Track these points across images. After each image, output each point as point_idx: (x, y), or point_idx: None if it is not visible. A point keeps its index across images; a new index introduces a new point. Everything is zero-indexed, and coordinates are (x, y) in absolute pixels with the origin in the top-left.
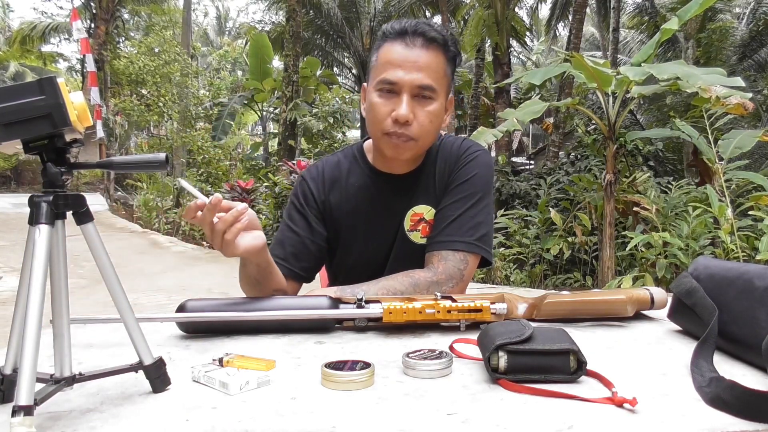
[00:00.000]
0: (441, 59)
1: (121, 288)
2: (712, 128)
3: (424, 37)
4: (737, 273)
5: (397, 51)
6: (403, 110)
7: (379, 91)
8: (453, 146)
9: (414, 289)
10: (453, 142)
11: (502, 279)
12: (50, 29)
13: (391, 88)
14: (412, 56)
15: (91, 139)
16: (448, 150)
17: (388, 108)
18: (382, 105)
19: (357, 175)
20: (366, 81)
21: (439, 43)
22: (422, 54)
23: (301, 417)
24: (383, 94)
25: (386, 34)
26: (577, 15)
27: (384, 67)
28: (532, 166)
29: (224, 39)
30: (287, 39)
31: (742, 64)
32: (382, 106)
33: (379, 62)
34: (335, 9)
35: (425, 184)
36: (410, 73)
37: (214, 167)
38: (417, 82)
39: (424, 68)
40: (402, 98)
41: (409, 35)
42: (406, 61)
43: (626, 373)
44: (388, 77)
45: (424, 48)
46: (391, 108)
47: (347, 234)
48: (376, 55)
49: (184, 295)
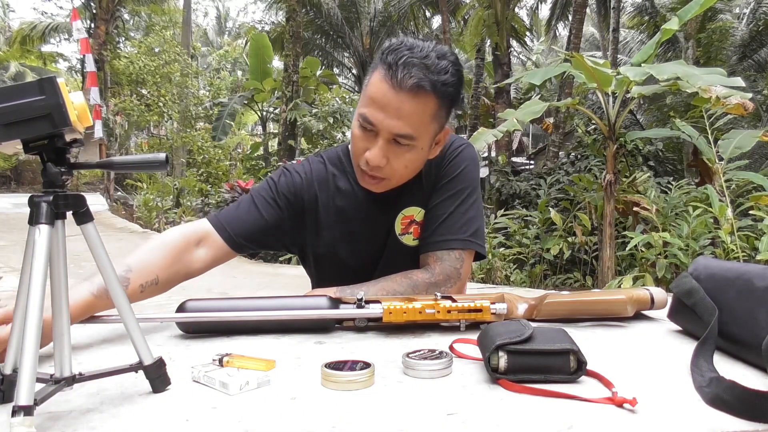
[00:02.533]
0: (430, 105)
1: (121, 288)
2: (712, 128)
3: (413, 82)
4: (737, 273)
5: (382, 91)
6: (375, 156)
7: (359, 123)
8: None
9: (413, 291)
10: None
11: (502, 279)
12: (50, 29)
13: (370, 128)
14: (396, 102)
15: (91, 139)
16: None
17: (364, 145)
18: (360, 140)
19: (343, 180)
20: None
21: (428, 89)
22: (407, 101)
23: (301, 417)
24: (363, 130)
25: (382, 58)
26: (577, 15)
27: (368, 102)
28: (532, 166)
29: (224, 39)
30: (287, 39)
31: (742, 64)
32: (359, 141)
33: (367, 92)
34: (335, 9)
35: (412, 186)
36: (390, 118)
37: (214, 167)
38: (395, 131)
39: (406, 116)
40: (378, 142)
41: (399, 75)
42: (388, 106)
43: (626, 373)
44: (368, 116)
45: (411, 94)
46: (366, 146)
47: (334, 237)
48: (368, 79)
49: (184, 295)
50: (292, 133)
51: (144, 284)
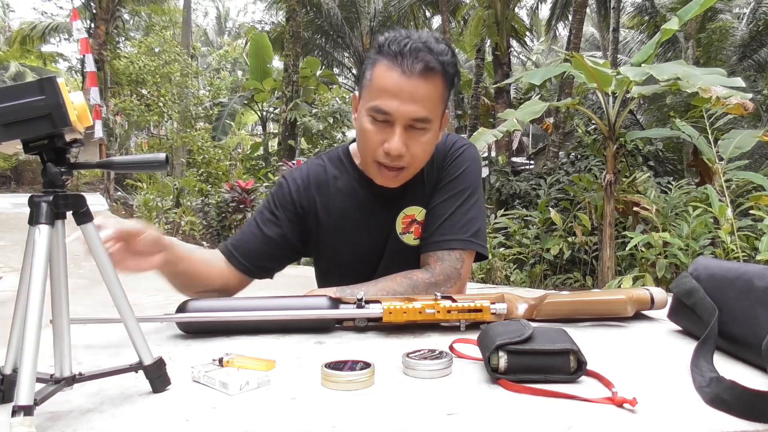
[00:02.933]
0: (439, 86)
1: (121, 288)
2: (712, 128)
3: (423, 65)
4: (737, 273)
5: (393, 79)
6: (396, 144)
7: (372, 117)
8: (439, 143)
9: (413, 291)
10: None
11: (502, 279)
12: (50, 29)
13: (384, 118)
14: (409, 87)
15: (91, 139)
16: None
17: (380, 137)
18: (375, 133)
19: (344, 180)
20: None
21: (437, 70)
22: (420, 84)
23: (301, 417)
24: (376, 123)
25: (382, 51)
26: (577, 15)
27: (378, 93)
28: (532, 166)
29: (224, 39)
30: (287, 39)
31: (742, 64)
32: (374, 134)
33: (374, 85)
34: (335, 9)
35: (414, 185)
36: (406, 104)
37: (214, 167)
38: (413, 115)
39: (420, 100)
40: (395, 130)
41: (407, 61)
42: (401, 92)
43: (626, 373)
44: (382, 107)
45: (422, 77)
46: (383, 138)
47: (335, 238)
48: (370, 73)
49: (184, 295)
50: (292, 133)
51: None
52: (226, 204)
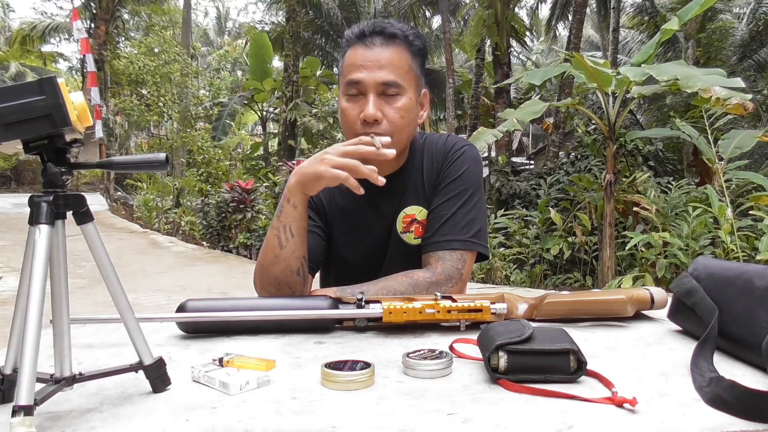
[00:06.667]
0: (404, 54)
1: (121, 288)
2: (712, 128)
3: (382, 34)
4: (737, 273)
5: (358, 53)
6: (370, 110)
7: (347, 95)
8: (438, 144)
9: (414, 290)
10: (437, 140)
11: (502, 279)
12: (50, 29)
13: (357, 90)
14: (373, 55)
15: (91, 139)
16: (433, 148)
17: (357, 110)
18: (351, 108)
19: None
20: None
21: (399, 38)
22: (383, 51)
23: (301, 417)
24: (351, 98)
25: (348, 41)
26: (577, 15)
27: (348, 70)
28: (532, 166)
29: (224, 39)
30: (287, 39)
31: (742, 64)
32: (351, 110)
33: (344, 67)
34: (335, 9)
35: (414, 185)
36: (372, 71)
37: (214, 167)
38: (380, 79)
39: (386, 65)
40: (368, 98)
41: (368, 36)
42: (366, 61)
43: (626, 373)
44: (351, 78)
45: (385, 45)
46: (359, 110)
47: (338, 236)
48: (341, 63)
49: (184, 295)
50: (292, 133)
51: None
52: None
